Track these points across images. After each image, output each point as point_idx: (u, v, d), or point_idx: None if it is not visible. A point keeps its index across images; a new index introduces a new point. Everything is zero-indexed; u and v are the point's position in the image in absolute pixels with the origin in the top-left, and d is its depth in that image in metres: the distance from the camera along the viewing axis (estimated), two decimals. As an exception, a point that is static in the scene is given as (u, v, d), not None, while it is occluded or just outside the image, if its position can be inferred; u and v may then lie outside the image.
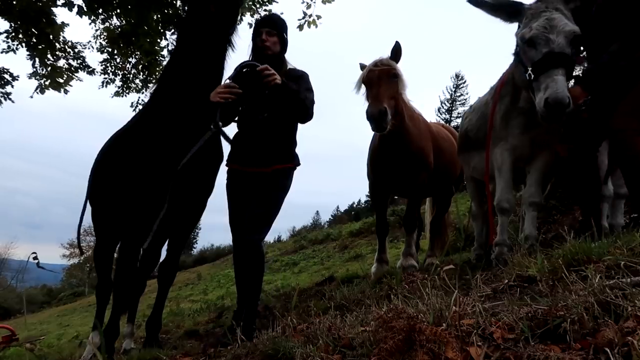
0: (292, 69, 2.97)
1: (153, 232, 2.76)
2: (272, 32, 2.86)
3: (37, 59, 6.88)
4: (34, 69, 7.08)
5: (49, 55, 7.04)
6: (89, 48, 7.84)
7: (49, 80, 7.17)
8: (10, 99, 7.20)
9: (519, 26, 2.69)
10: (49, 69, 7.13)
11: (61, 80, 7.27)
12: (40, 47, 6.68)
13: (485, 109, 3.26)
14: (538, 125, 2.84)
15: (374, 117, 3.27)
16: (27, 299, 21.16)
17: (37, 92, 7.17)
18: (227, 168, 2.97)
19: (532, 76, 2.42)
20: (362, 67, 3.74)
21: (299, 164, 2.98)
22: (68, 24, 7.24)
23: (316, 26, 7.34)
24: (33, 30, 6.43)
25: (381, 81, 3.45)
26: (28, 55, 6.78)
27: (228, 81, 2.74)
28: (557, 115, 2.30)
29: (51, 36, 6.73)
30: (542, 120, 2.42)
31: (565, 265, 1.73)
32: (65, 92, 7.36)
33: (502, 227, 3.05)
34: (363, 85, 3.60)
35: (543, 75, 2.34)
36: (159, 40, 7.35)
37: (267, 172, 2.79)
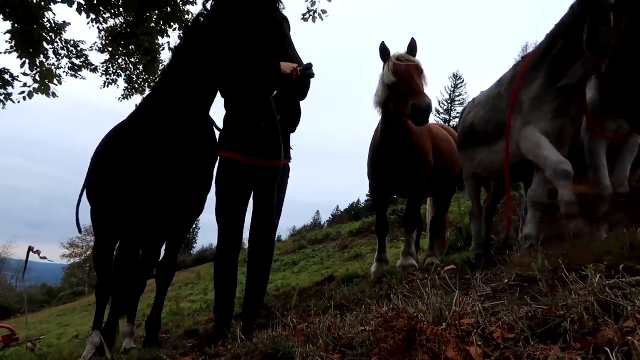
0: None
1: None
2: None
3: (27, 61, 6.85)
4: (23, 73, 7.05)
5: (42, 58, 7.04)
6: (94, 50, 7.86)
7: (36, 85, 7.12)
8: (11, 99, 7.20)
9: None
10: (38, 70, 7.09)
11: (52, 83, 7.23)
12: (30, 49, 6.66)
13: (499, 101, 3.14)
14: (574, 110, 2.70)
15: (430, 109, 3.25)
16: (27, 299, 21.15)
17: (25, 97, 7.09)
18: (220, 157, 2.70)
19: None
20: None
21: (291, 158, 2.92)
22: (70, 23, 7.26)
23: (322, 19, 7.41)
24: (24, 29, 6.41)
25: (415, 75, 3.43)
26: (18, 57, 6.76)
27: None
28: None
29: (38, 37, 6.70)
30: None
31: (565, 265, 1.73)
32: (54, 95, 7.33)
33: (535, 220, 2.94)
34: (394, 77, 3.48)
35: None
36: (159, 38, 7.34)
37: (274, 167, 2.66)
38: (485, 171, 3.49)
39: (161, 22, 7.06)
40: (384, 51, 3.67)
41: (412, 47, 3.64)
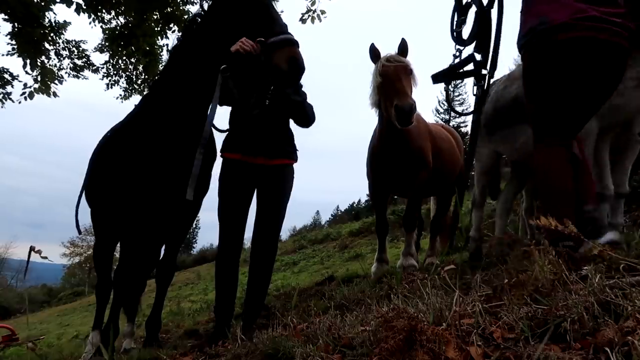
0: None
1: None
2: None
3: (28, 61, 6.87)
4: (25, 72, 7.09)
5: (43, 58, 7.06)
6: (96, 51, 7.88)
7: (37, 84, 7.17)
8: (11, 99, 7.23)
9: None
10: (40, 70, 7.12)
11: (53, 83, 7.27)
12: (32, 50, 6.69)
13: None
14: None
15: (412, 109, 3.25)
16: (27, 299, 21.14)
17: (26, 98, 7.15)
18: (222, 158, 2.71)
19: None
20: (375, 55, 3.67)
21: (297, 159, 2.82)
22: (70, 23, 7.27)
23: (320, 20, 7.39)
24: (26, 30, 6.44)
25: (402, 76, 3.44)
26: (19, 56, 6.78)
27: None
28: None
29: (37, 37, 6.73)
30: None
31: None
32: (55, 95, 7.37)
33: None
34: (380, 78, 3.51)
35: None
36: (158, 39, 7.34)
37: (276, 165, 2.65)
38: (525, 155, 3.16)
39: (160, 23, 7.08)
40: (374, 52, 3.69)
41: (403, 48, 3.64)
